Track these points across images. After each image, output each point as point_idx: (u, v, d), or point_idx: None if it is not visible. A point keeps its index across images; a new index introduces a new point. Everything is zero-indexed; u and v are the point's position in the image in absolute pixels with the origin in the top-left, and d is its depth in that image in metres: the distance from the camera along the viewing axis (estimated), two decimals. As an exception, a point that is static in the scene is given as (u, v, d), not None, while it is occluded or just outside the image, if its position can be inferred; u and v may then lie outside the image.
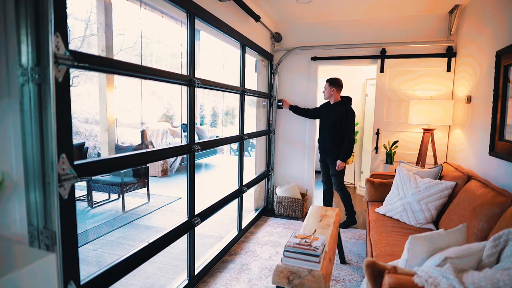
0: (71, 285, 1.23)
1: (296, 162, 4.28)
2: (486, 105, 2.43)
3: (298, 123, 4.21)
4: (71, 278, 1.22)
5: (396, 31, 3.67)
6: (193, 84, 2.26)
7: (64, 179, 1.14)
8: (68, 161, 1.17)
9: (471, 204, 1.93)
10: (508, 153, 2.02)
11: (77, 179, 1.20)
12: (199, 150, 2.30)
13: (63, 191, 1.15)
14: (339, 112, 3.47)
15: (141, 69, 1.73)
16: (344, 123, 3.44)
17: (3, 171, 1.09)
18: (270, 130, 4.22)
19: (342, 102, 3.53)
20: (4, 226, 1.11)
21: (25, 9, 1.05)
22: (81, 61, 1.24)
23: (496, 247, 1.07)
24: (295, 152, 4.27)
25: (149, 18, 10.34)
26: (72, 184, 1.19)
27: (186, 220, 2.27)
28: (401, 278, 1.02)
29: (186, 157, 2.35)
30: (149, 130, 7.45)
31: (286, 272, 1.70)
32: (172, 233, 2.08)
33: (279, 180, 4.38)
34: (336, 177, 3.57)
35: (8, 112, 1.09)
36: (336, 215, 2.55)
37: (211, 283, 2.47)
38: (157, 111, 11.67)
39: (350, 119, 3.43)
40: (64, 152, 1.15)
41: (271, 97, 4.18)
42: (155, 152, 1.89)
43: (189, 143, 2.27)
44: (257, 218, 3.95)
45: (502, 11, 2.31)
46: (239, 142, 3.32)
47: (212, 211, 2.68)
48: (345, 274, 2.59)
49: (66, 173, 1.16)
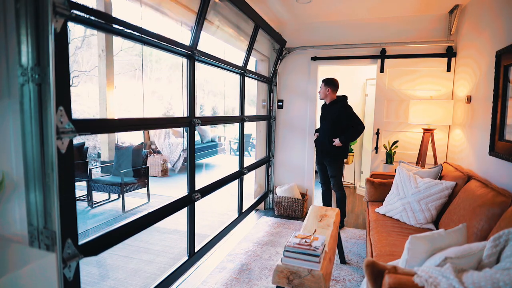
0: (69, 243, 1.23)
1: (296, 155, 4.28)
2: (486, 105, 2.43)
3: (298, 123, 4.21)
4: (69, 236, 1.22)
5: (396, 31, 3.67)
6: (194, 56, 2.22)
7: (62, 132, 1.13)
8: (67, 115, 1.17)
9: (471, 204, 1.93)
10: (508, 153, 2.02)
11: (76, 134, 1.19)
12: (199, 124, 2.31)
13: (61, 145, 1.14)
14: (336, 110, 3.44)
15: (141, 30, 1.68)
16: (345, 119, 3.40)
17: (3, 171, 1.09)
18: (270, 116, 4.21)
19: (338, 100, 3.50)
20: (4, 226, 1.11)
21: (25, 9, 1.04)
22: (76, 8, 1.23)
23: (496, 247, 1.07)
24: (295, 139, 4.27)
25: (149, 18, 10.34)
26: (70, 139, 1.18)
27: (187, 195, 2.28)
28: (401, 278, 1.02)
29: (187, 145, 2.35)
30: (150, 130, 7.45)
31: (286, 272, 1.70)
32: (173, 205, 2.09)
33: (279, 179, 4.37)
34: (336, 178, 3.53)
35: (8, 112, 1.09)
36: (336, 215, 2.55)
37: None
38: (158, 111, 11.67)
39: (351, 112, 3.40)
40: (62, 105, 1.14)
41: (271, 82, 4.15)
42: (155, 120, 1.89)
43: (189, 116, 2.26)
44: (258, 203, 3.97)
45: (502, 11, 2.31)
46: (240, 123, 3.36)
47: (213, 188, 2.66)
48: (345, 274, 2.59)
49: (64, 127, 1.16)
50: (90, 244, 1.36)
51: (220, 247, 3.12)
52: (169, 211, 2.05)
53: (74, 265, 1.22)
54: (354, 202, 4.79)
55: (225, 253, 2.95)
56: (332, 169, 3.53)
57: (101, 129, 1.52)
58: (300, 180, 4.27)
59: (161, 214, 1.97)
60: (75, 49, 8.92)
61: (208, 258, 2.88)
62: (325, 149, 3.51)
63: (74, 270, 1.22)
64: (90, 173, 4.57)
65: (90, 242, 1.37)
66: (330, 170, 3.55)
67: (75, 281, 1.23)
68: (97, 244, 1.42)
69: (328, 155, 3.51)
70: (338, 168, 3.53)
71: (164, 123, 2.10)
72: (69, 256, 1.20)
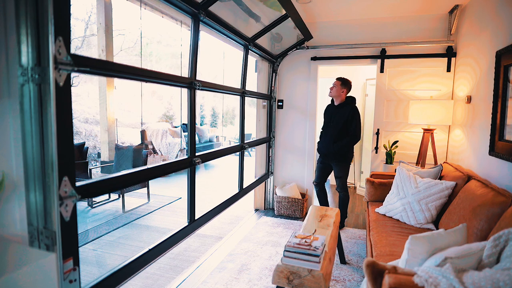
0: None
1: (296, 155, 4.27)
2: (486, 105, 2.43)
3: (298, 123, 4.21)
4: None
5: (396, 31, 3.67)
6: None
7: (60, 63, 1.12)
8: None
9: (471, 204, 1.93)
10: (508, 153, 2.02)
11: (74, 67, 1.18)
12: (200, 87, 2.32)
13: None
14: (345, 113, 3.37)
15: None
16: (349, 123, 3.35)
17: (3, 171, 1.09)
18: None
19: (348, 103, 3.43)
20: (4, 226, 1.11)
21: (25, 9, 1.04)
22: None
23: (496, 247, 1.07)
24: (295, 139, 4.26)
25: (149, 18, 10.34)
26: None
27: (187, 157, 2.27)
28: (401, 278, 1.02)
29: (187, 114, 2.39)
30: (149, 130, 7.45)
31: (286, 272, 1.70)
32: (174, 164, 2.11)
33: (279, 179, 4.37)
34: (341, 179, 3.48)
35: (8, 112, 1.09)
36: (336, 215, 2.55)
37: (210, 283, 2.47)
38: (157, 111, 11.67)
39: (358, 120, 3.36)
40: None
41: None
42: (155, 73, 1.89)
43: (190, 76, 2.28)
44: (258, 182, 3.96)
45: (502, 11, 2.31)
46: (241, 96, 3.38)
47: (213, 156, 2.69)
48: (345, 274, 2.59)
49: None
50: (87, 187, 1.36)
51: (220, 247, 3.12)
52: (168, 170, 2.04)
53: (71, 205, 1.20)
54: (354, 202, 4.79)
55: (225, 253, 2.95)
56: (340, 170, 3.47)
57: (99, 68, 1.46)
58: (300, 180, 4.27)
59: (160, 170, 1.96)
60: (75, 49, 8.92)
61: (208, 258, 2.88)
62: (331, 152, 3.43)
63: (71, 211, 1.20)
64: (90, 173, 4.57)
65: (87, 185, 1.37)
66: (337, 170, 3.49)
67: (72, 222, 1.21)
68: (94, 188, 1.43)
69: (335, 158, 3.45)
70: (345, 169, 3.49)
71: (164, 78, 2.03)
72: (66, 195, 1.17)
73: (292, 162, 4.29)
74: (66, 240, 1.18)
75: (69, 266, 1.21)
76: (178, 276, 2.61)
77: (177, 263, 2.85)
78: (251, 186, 3.69)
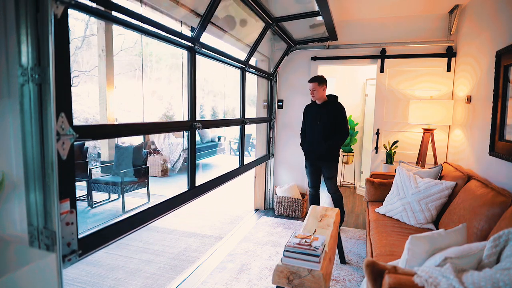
0: None
1: (296, 155, 4.27)
2: (486, 105, 2.43)
3: (298, 123, 4.21)
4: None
5: (396, 31, 3.67)
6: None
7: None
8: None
9: (471, 204, 1.93)
10: (508, 153, 2.02)
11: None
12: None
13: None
14: (332, 110, 3.26)
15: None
16: (338, 120, 3.25)
17: (3, 171, 1.09)
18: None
19: (332, 100, 3.33)
20: (4, 226, 1.11)
21: (25, 9, 1.04)
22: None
23: (496, 247, 1.07)
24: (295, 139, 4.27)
25: (149, 17, 10.32)
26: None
27: (188, 120, 2.26)
28: (401, 278, 1.02)
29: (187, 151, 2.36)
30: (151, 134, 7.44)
31: (286, 272, 1.70)
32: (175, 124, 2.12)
33: (279, 179, 4.37)
34: (333, 179, 3.37)
35: (8, 112, 1.09)
36: (336, 215, 2.55)
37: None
38: (157, 111, 11.67)
39: (344, 116, 3.27)
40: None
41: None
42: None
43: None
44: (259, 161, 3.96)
45: (502, 11, 2.31)
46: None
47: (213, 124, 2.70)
48: (345, 274, 2.59)
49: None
50: (85, 128, 1.36)
51: (220, 247, 3.12)
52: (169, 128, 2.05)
53: (68, 144, 1.19)
54: (354, 202, 4.79)
55: (225, 253, 2.95)
56: (330, 171, 3.36)
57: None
58: (300, 180, 4.27)
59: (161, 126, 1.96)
60: (75, 49, 8.91)
61: (208, 258, 2.88)
62: (322, 152, 3.32)
63: (68, 150, 1.19)
64: (90, 173, 4.57)
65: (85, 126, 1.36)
66: (328, 172, 3.37)
67: (69, 162, 1.20)
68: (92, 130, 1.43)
69: (325, 158, 3.33)
70: (336, 169, 3.41)
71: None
72: (63, 132, 1.17)
73: (293, 161, 4.28)
74: (62, 180, 1.16)
75: (65, 208, 1.20)
76: (178, 276, 2.61)
77: (177, 263, 2.85)
78: (252, 164, 3.65)
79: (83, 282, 2.53)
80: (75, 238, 1.26)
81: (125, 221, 1.64)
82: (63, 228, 1.18)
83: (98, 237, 1.46)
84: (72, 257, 1.25)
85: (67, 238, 1.21)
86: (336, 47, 3.89)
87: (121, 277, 2.60)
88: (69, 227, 1.22)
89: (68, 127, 1.18)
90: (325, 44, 3.91)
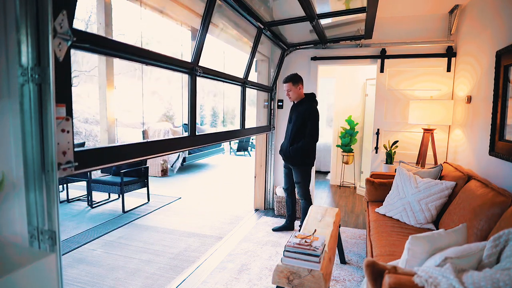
0: None
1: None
2: (486, 105, 2.43)
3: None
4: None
5: (396, 31, 3.67)
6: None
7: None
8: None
9: (471, 204, 1.93)
10: (508, 153, 2.02)
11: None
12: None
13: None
14: (302, 111, 3.11)
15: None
16: (306, 123, 3.08)
17: (3, 171, 1.09)
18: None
19: (306, 100, 3.20)
20: (4, 226, 1.11)
21: (25, 9, 1.04)
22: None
23: (496, 247, 1.07)
24: None
25: (149, 18, 10.34)
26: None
27: (190, 62, 2.25)
28: (401, 278, 1.02)
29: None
30: (150, 130, 7.45)
31: (286, 272, 1.70)
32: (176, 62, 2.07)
33: (279, 179, 4.37)
34: (300, 185, 3.22)
35: (8, 112, 1.09)
36: (336, 215, 2.55)
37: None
38: (157, 111, 11.67)
39: (316, 119, 3.09)
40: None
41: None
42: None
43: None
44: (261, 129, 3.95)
45: (502, 11, 2.31)
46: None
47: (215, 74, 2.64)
48: (345, 274, 2.59)
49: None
50: (85, 33, 1.31)
51: (220, 247, 3.12)
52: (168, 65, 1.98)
53: (65, 47, 1.15)
54: (354, 202, 4.79)
55: (225, 253, 2.95)
56: (297, 175, 3.21)
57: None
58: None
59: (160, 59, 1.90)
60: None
61: (208, 258, 2.88)
62: (288, 154, 3.19)
63: (65, 52, 1.16)
64: (90, 173, 4.57)
65: (85, 32, 1.32)
66: (296, 176, 3.23)
67: (65, 65, 1.18)
68: (93, 38, 1.37)
69: (293, 162, 3.18)
70: (305, 174, 3.21)
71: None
72: (61, 31, 1.13)
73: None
74: (59, 83, 1.13)
75: (61, 113, 1.17)
76: (178, 276, 2.61)
77: (177, 263, 2.85)
78: (253, 129, 3.63)
79: (83, 282, 2.53)
80: (71, 148, 1.20)
81: (121, 148, 1.62)
82: (58, 134, 1.13)
83: (94, 155, 1.41)
84: (67, 166, 1.18)
85: (62, 146, 1.16)
86: (336, 47, 3.89)
87: (121, 277, 2.60)
88: (64, 135, 1.16)
89: (67, 28, 1.14)
90: (359, 44, 3.83)
